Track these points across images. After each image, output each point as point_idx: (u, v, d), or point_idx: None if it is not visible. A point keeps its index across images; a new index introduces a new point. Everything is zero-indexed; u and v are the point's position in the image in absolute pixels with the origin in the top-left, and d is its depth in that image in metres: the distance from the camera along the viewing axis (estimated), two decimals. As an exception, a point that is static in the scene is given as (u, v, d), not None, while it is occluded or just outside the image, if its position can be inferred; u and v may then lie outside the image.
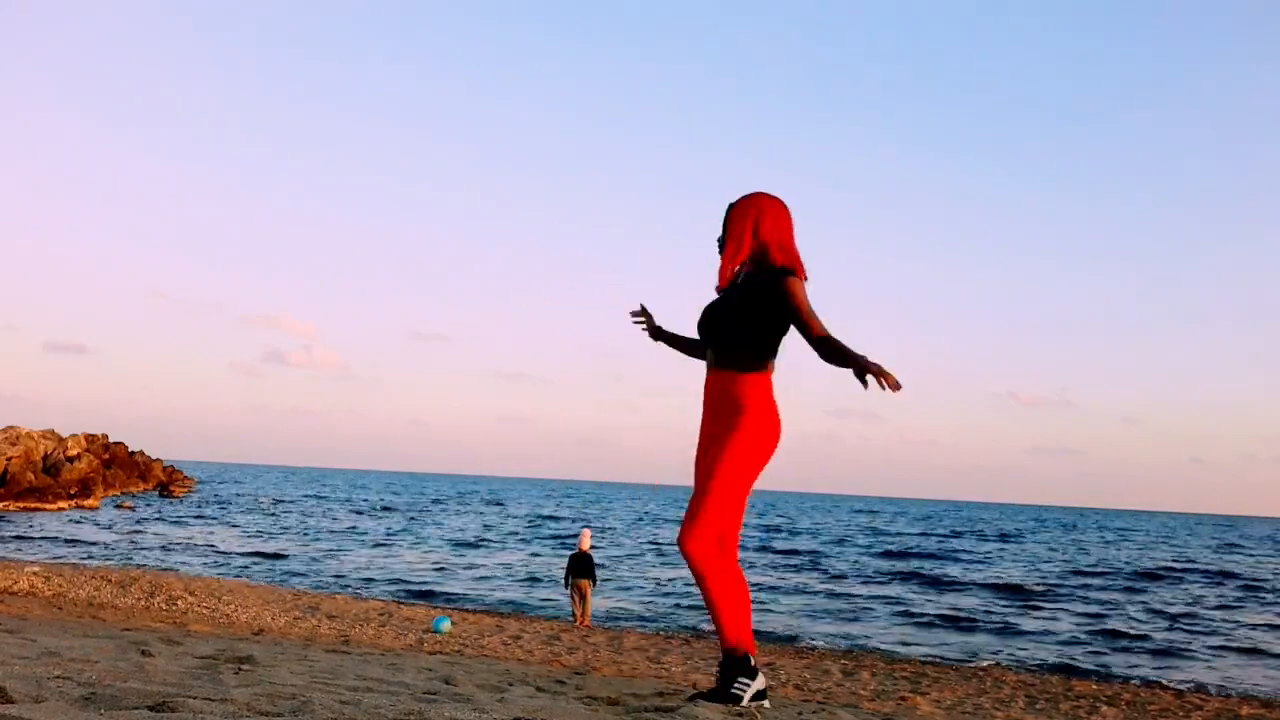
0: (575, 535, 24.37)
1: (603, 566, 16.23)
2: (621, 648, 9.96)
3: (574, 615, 12.12)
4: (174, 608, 10.50)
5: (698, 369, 3.50)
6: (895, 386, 3.00)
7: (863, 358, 3.06)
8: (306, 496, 55.27)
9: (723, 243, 3.43)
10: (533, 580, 17.97)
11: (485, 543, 26.63)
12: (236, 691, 2.78)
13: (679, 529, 3.17)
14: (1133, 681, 10.30)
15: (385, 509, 43.72)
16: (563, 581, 12.61)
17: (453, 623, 10.68)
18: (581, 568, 11.92)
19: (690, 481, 3.35)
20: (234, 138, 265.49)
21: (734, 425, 3.22)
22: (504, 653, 8.83)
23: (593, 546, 12.77)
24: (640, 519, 45.52)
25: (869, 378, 3.02)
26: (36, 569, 13.26)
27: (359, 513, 39.86)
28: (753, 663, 3.33)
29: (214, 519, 31.42)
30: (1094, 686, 9.43)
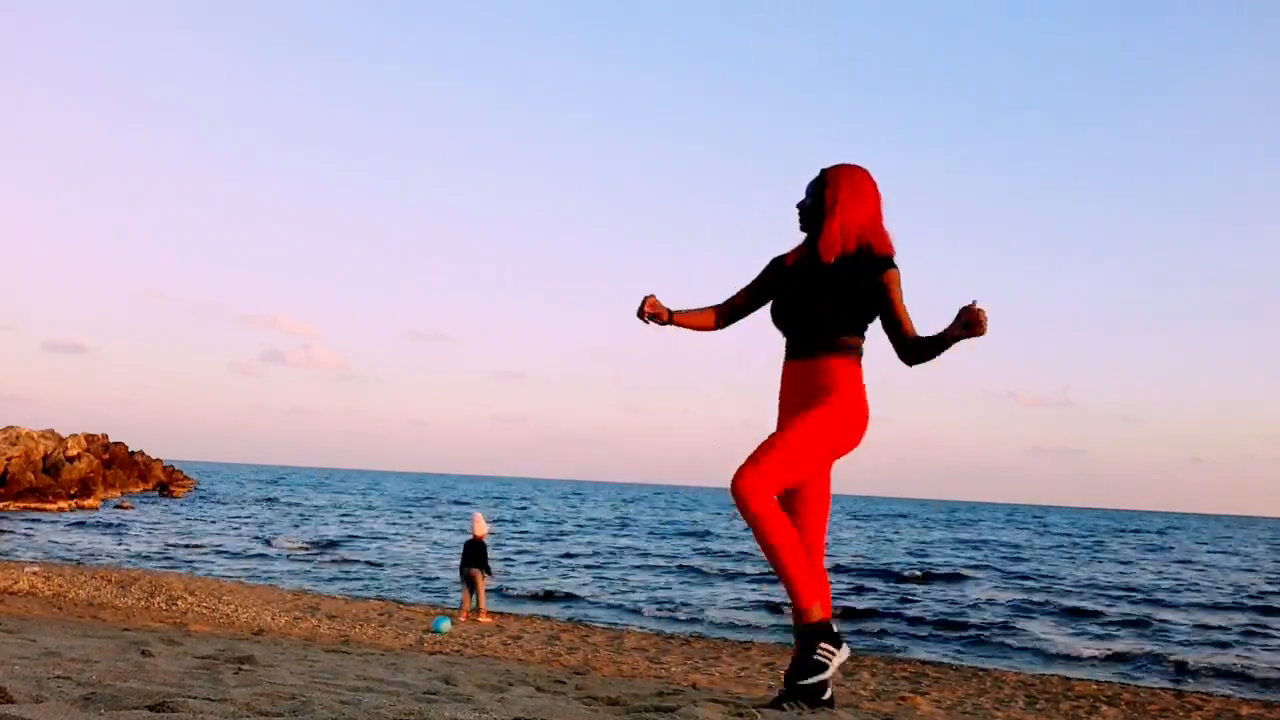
0: (574, 537, 24.20)
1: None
2: (621, 648, 9.96)
3: (462, 605, 11.54)
4: (174, 608, 10.51)
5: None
6: (983, 324, 2.67)
7: (950, 331, 2.76)
8: (319, 500, 55.26)
9: (815, 213, 3.05)
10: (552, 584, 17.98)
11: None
12: (236, 691, 2.78)
13: (736, 470, 2.77)
14: (1133, 681, 10.29)
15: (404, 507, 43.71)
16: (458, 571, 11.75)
17: (453, 622, 10.68)
18: (473, 556, 11.33)
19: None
20: (234, 137, 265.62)
21: (821, 401, 2.90)
22: (504, 653, 8.83)
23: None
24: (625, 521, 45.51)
25: (971, 325, 2.67)
26: (36, 569, 13.26)
27: (354, 513, 39.87)
28: (835, 629, 2.91)
29: (214, 519, 31.41)
30: (1094, 686, 9.42)
